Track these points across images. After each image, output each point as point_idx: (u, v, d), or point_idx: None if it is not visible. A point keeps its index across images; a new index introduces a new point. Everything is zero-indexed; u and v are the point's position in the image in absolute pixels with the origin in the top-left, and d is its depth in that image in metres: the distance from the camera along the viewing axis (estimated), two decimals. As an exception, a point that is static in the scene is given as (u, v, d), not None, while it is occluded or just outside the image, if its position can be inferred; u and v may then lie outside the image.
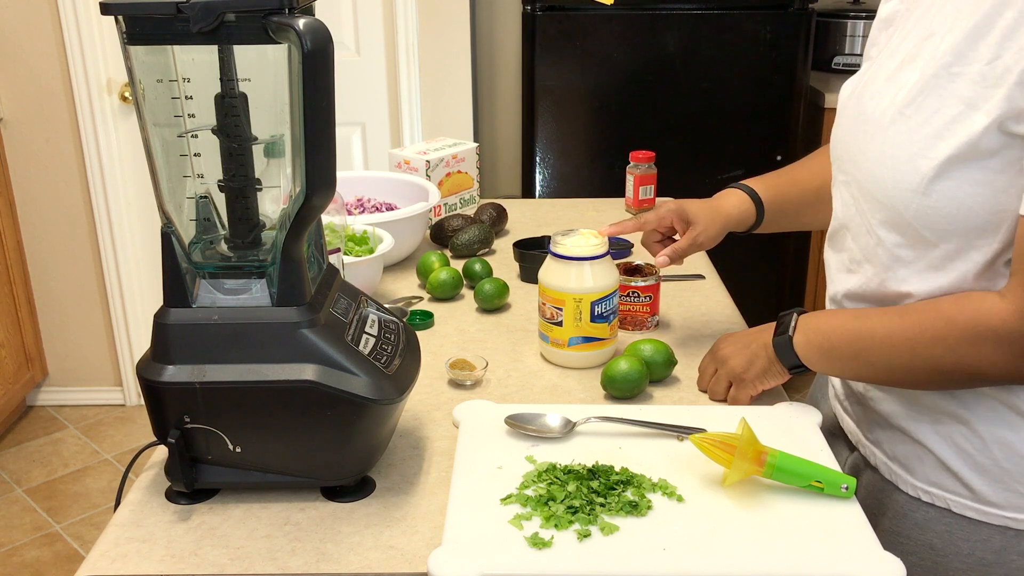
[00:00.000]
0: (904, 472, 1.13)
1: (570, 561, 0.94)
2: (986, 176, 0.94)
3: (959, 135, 0.94)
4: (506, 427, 1.16)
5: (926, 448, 1.09)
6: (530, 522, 0.99)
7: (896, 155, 0.99)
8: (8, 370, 3.11)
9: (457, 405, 1.23)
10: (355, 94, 3.19)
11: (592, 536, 0.97)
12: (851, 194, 1.11)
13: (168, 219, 1.02)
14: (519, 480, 1.06)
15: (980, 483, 1.06)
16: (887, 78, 1.05)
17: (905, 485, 1.12)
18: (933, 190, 0.96)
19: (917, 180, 0.97)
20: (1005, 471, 1.04)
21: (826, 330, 1.11)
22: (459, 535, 0.97)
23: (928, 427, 1.09)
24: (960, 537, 1.08)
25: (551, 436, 1.15)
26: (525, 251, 1.72)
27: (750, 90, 2.91)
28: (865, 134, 1.06)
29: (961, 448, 1.06)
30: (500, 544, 0.96)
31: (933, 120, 0.96)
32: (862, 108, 1.08)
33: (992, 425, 1.04)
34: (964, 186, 0.95)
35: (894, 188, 1.00)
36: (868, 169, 1.04)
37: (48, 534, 2.75)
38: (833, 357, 1.11)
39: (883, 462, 1.16)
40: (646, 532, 0.98)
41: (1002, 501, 1.05)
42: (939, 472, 1.09)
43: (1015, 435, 1.03)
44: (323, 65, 0.91)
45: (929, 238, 0.99)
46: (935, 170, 0.95)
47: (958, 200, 0.95)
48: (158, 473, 1.10)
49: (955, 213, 0.96)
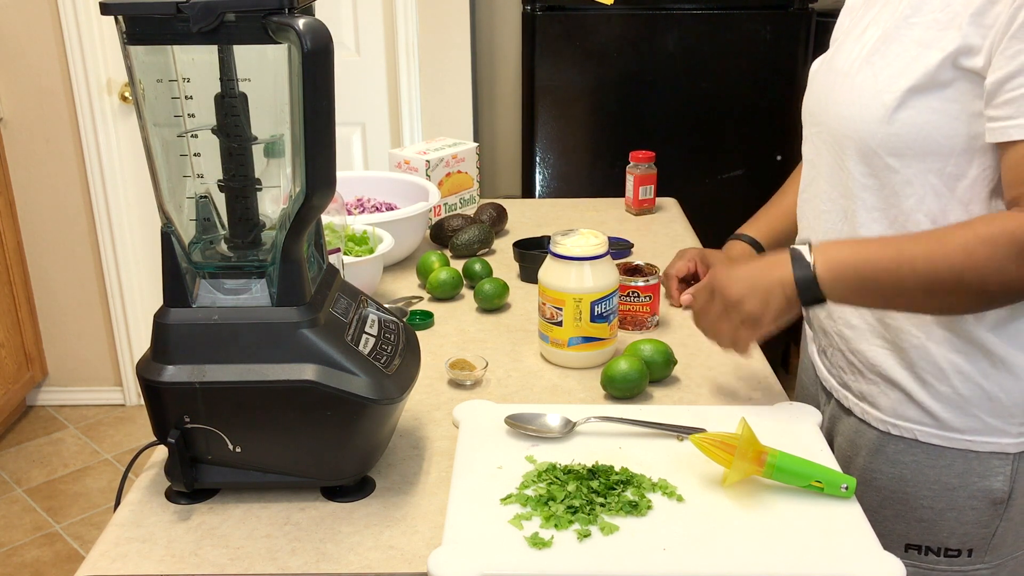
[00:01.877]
0: (874, 409, 1.23)
1: (570, 561, 0.94)
2: (941, 104, 1.07)
3: (917, 71, 1.07)
4: (506, 427, 1.16)
5: (891, 382, 1.20)
6: (530, 522, 0.99)
7: (863, 94, 1.13)
8: (8, 370, 3.11)
9: (457, 405, 1.23)
10: (355, 94, 3.19)
11: (592, 536, 0.97)
12: (821, 139, 1.23)
13: (168, 219, 1.02)
14: (519, 480, 1.06)
15: (942, 410, 1.17)
16: (855, 40, 1.20)
17: (876, 422, 1.23)
18: (896, 119, 1.09)
19: (882, 112, 1.10)
20: (963, 397, 1.15)
21: (856, 263, 1.08)
22: (459, 535, 0.97)
23: (893, 363, 1.19)
24: (927, 465, 1.19)
25: (551, 436, 1.15)
26: (525, 251, 1.72)
27: (750, 90, 2.91)
28: (834, 84, 1.20)
29: (923, 380, 1.17)
30: (500, 544, 0.96)
31: (895, 63, 1.10)
32: (832, 66, 1.23)
33: (950, 353, 1.14)
34: (923, 114, 1.08)
35: (861, 122, 1.13)
36: (837, 112, 1.17)
37: (48, 534, 2.75)
38: (867, 291, 1.09)
39: (855, 403, 1.27)
40: (646, 532, 0.98)
41: (963, 426, 1.16)
42: (905, 405, 1.19)
43: (970, 363, 1.14)
44: (323, 65, 0.92)
45: (892, 164, 1.12)
46: (897, 101, 1.08)
47: (917, 126, 1.08)
48: (158, 473, 1.10)
49: (915, 138, 1.09)
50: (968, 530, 1.19)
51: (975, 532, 1.19)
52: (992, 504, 1.17)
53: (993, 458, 1.16)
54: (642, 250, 1.84)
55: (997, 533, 1.19)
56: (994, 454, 1.16)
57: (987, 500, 1.17)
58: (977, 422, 1.15)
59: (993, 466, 1.16)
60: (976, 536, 1.19)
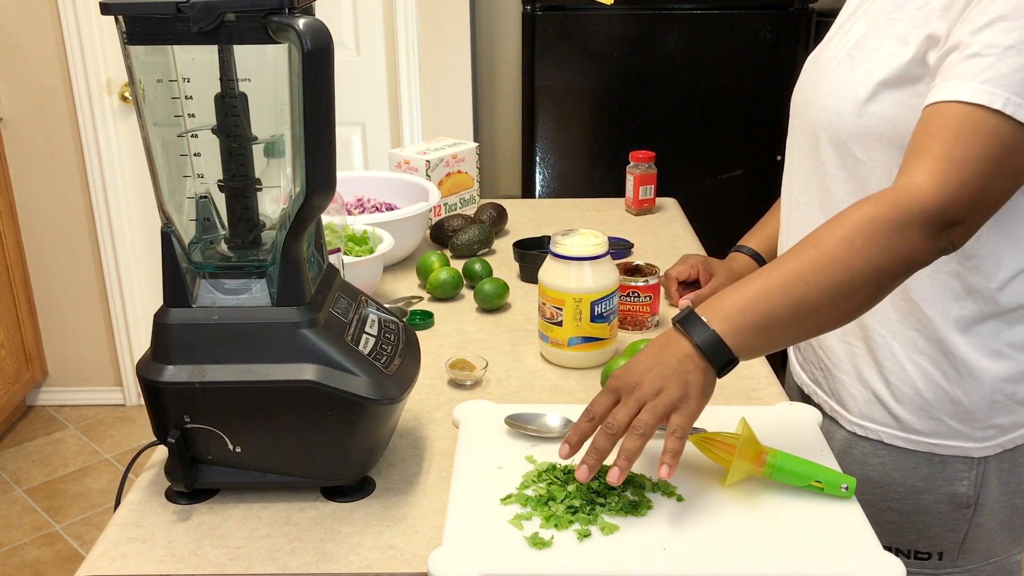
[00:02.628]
0: (842, 409, 1.24)
1: (570, 561, 0.94)
2: (910, 99, 1.07)
3: (892, 65, 1.08)
4: (506, 427, 1.16)
5: (860, 381, 1.20)
6: (530, 522, 0.99)
7: (839, 87, 1.14)
8: (8, 370, 3.12)
9: (457, 405, 1.23)
10: (355, 94, 3.19)
11: (592, 536, 0.97)
12: (802, 131, 1.24)
13: (168, 219, 1.02)
14: (519, 480, 1.06)
15: (906, 413, 1.17)
16: (842, 34, 1.20)
17: (844, 421, 1.24)
18: (866, 111, 1.10)
19: (854, 104, 1.11)
20: (926, 400, 1.15)
21: (746, 304, 0.97)
22: (459, 535, 0.97)
23: (860, 361, 1.19)
24: (893, 467, 1.19)
25: (551, 436, 1.15)
26: (525, 251, 1.72)
27: (750, 90, 2.91)
28: (817, 77, 1.20)
29: (888, 380, 1.17)
30: (500, 544, 0.96)
31: (873, 57, 1.11)
32: (818, 60, 1.23)
33: (914, 354, 1.14)
34: (892, 108, 1.08)
35: (835, 114, 1.14)
36: (816, 103, 1.18)
37: (48, 534, 2.75)
38: (772, 327, 0.97)
39: (824, 400, 1.28)
40: (646, 532, 0.98)
41: (926, 429, 1.16)
42: (871, 406, 1.20)
43: (933, 366, 1.14)
44: (323, 65, 0.91)
45: (859, 156, 1.13)
46: (868, 93, 1.10)
47: (886, 119, 1.09)
48: (158, 473, 1.10)
49: (883, 131, 1.10)
50: (936, 533, 1.19)
51: (943, 536, 1.19)
52: (958, 508, 1.17)
53: (957, 462, 1.16)
54: (642, 250, 1.84)
55: (968, 537, 1.18)
56: (958, 458, 1.16)
57: (953, 504, 1.17)
58: (941, 425, 1.15)
59: (957, 470, 1.16)
60: (945, 539, 1.19)
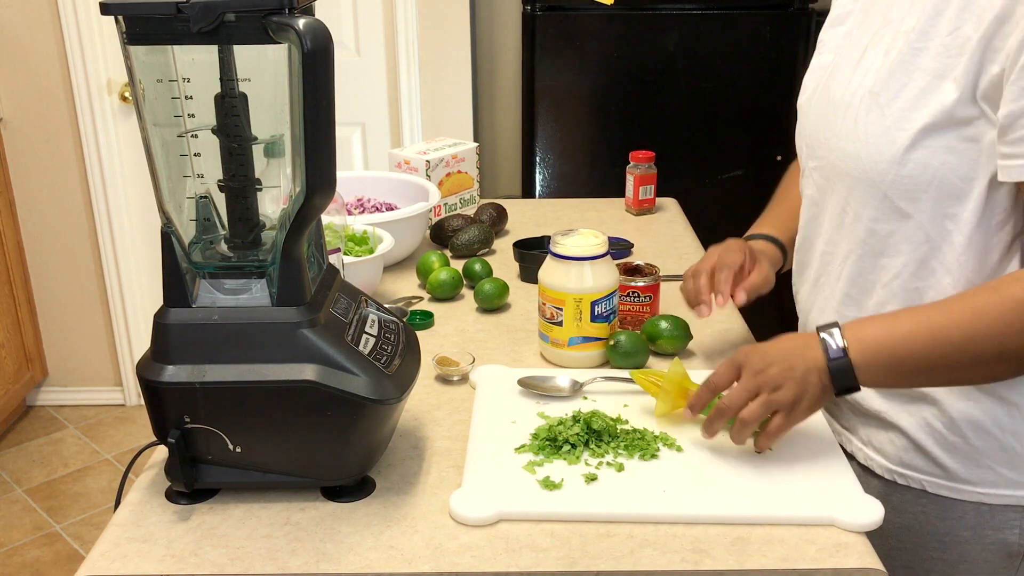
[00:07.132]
0: (878, 456, 1.17)
1: (578, 501, 1.03)
2: (959, 144, 0.98)
3: (932, 105, 0.99)
4: (519, 388, 1.26)
5: (898, 430, 1.13)
6: (542, 468, 1.09)
7: (869, 131, 1.04)
8: (8, 370, 3.11)
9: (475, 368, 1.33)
10: (355, 94, 3.19)
11: (599, 480, 1.07)
12: (823, 176, 1.15)
13: (168, 219, 1.02)
14: (532, 431, 1.16)
15: (952, 462, 1.10)
16: (852, 66, 1.10)
17: (880, 469, 1.17)
18: (909, 159, 1.01)
19: (893, 151, 1.02)
20: (975, 448, 1.08)
21: (890, 346, 0.99)
22: (478, 479, 1.07)
23: (899, 408, 1.12)
24: (936, 516, 1.12)
25: (561, 395, 1.25)
26: (525, 251, 1.72)
27: (750, 90, 2.91)
28: (835, 117, 1.11)
29: (932, 428, 1.10)
30: (515, 487, 1.06)
31: (903, 94, 1.02)
32: (829, 96, 1.13)
33: (959, 402, 1.08)
34: (938, 154, 0.99)
35: (870, 162, 1.04)
36: (841, 148, 1.09)
37: (48, 534, 2.75)
38: (903, 372, 1.00)
39: (859, 448, 1.20)
40: (648, 476, 1.07)
41: (975, 478, 1.09)
42: (912, 453, 1.12)
43: (982, 412, 1.07)
44: (323, 65, 0.91)
45: (904, 208, 1.04)
46: (911, 139, 1.00)
47: (932, 168, 1.00)
48: (158, 473, 1.10)
49: (929, 181, 1.01)
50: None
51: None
52: (1008, 557, 1.11)
53: (1008, 511, 1.09)
54: (642, 250, 1.84)
55: None
56: (1009, 507, 1.09)
57: (1002, 553, 1.11)
58: (991, 474, 1.08)
59: (1008, 519, 1.09)
60: None
